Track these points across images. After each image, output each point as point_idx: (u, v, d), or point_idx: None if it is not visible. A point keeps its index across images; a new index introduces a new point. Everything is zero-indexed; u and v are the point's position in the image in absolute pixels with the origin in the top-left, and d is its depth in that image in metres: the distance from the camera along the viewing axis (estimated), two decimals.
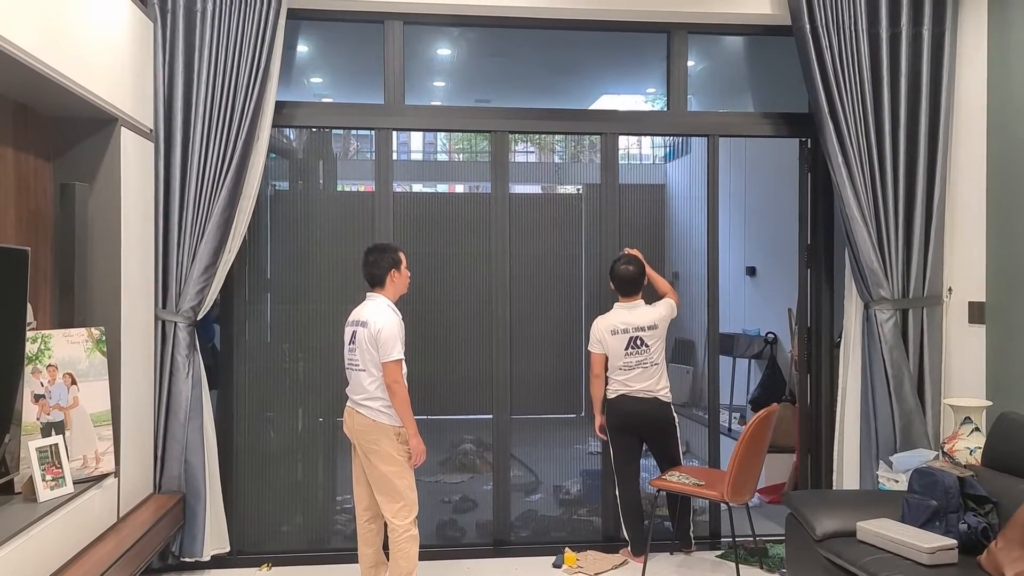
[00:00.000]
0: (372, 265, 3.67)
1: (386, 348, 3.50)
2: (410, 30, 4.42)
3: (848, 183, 4.16)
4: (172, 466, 3.88)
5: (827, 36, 4.17)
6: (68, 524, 2.91)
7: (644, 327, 4.17)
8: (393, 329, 3.53)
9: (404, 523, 3.56)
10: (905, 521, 3.25)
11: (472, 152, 7.06)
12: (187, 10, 3.89)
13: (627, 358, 4.17)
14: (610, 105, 6.32)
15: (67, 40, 2.94)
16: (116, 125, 3.46)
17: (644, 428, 4.24)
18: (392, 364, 3.50)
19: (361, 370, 3.58)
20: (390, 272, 3.66)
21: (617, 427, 4.25)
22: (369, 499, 3.70)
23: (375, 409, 3.55)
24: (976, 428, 3.72)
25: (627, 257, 4.27)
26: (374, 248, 3.73)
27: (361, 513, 3.74)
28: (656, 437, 4.28)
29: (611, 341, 4.20)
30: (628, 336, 4.17)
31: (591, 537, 4.55)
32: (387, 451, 3.54)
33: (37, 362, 3.04)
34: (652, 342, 4.17)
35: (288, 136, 4.64)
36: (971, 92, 4.17)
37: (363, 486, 3.71)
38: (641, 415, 4.19)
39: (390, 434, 3.55)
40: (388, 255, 3.68)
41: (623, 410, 4.21)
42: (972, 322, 4.12)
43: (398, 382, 3.51)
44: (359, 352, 3.58)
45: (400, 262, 3.70)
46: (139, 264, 3.71)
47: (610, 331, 4.20)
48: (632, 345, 4.16)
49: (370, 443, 3.57)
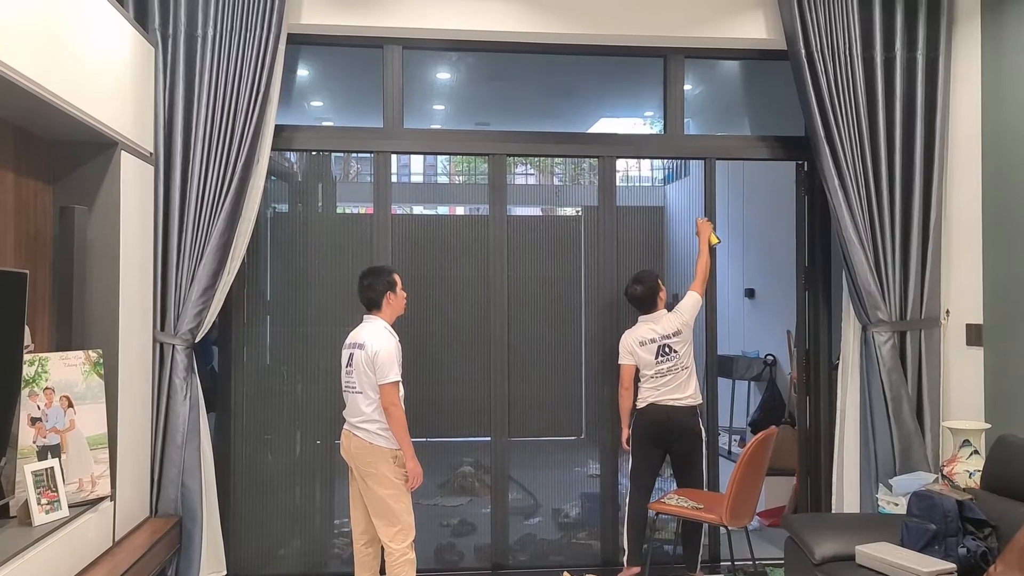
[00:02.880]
0: (367, 289, 3.69)
1: (383, 370, 3.50)
2: (409, 55, 4.46)
3: (845, 206, 4.18)
4: (169, 489, 3.86)
5: (822, 61, 4.21)
6: (63, 548, 2.89)
7: (670, 334, 4.20)
8: (390, 351, 3.54)
9: (401, 547, 3.54)
10: (904, 545, 3.24)
11: (472, 175, 7.10)
12: (188, 35, 3.93)
13: (658, 366, 4.19)
14: (608, 128, 6.36)
15: (68, 65, 2.97)
16: (116, 149, 3.48)
17: (671, 438, 4.20)
18: (389, 386, 3.50)
19: (358, 392, 3.57)
20: (386, 295, 3.68)
21: (642, 437, 4.23)
22: (366, 523, 3.68)
23: (372, 432, 3.54)
24: (975, 451, 3.71)
25: (635, 277, 4.30)
26: (369, 272, 3.75)
27: (358, 537, 3.73)
28: (681, 451, 4.23)
29: (641, 352, 4.21)
30: (656, 345, 4.19)
31: (590, 561, 4.52)
32: (384, 474, 3.53)
33: (34, 385, 3.03)
34: (680, 348, 4.19)
35: (288, 159, 4.66)
36: (966, 116, 4.21)
37: (360, 509, 3.69)
38: (668, 424, 4.16)
39: (387, 457, 3.54)
40: (383, 278, 3.70)
41: (652, 419, 4.19)
42: (970, 344, 4.12)
43: (395, 404, 3.51)
44: (356, 375, 3.58)
45: (395, 284, 3.71)
46: (138, 286, 3.72)
47: (639, 343, 4.22)
48: (662, 353, 4.19)
49: (367, 466, 3.56)
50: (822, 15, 4.23)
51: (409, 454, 3.55)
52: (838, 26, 4.24)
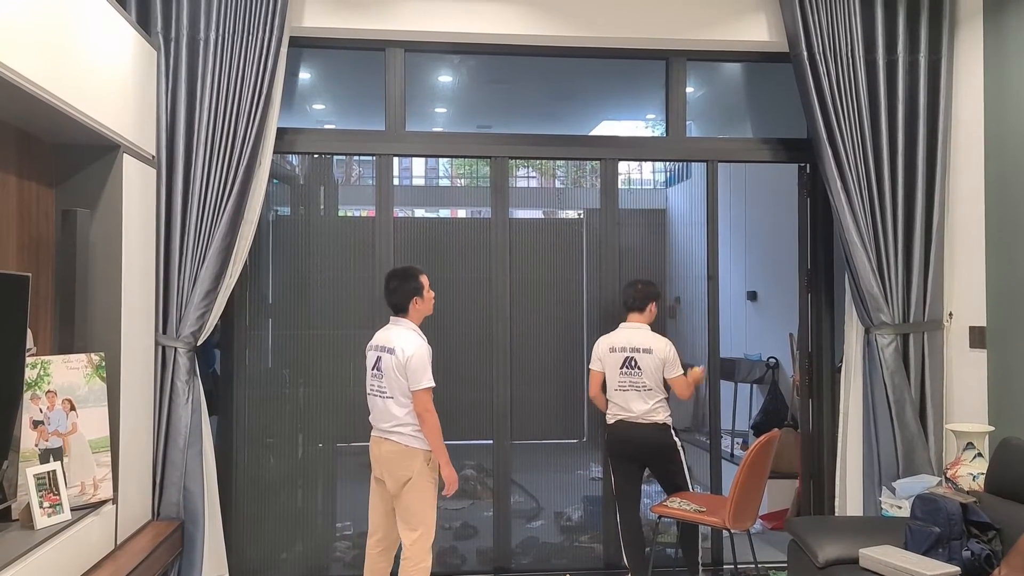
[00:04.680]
0: (392, 293, 3.61)
1: (415, 376, 3.43)
2: (411, 57, 4.46)
3: (847, 208, 4.17)
4: (171, 492, 3.86)
5: (824, 63, 4.21)
6: (65, 551, 2.89)
7: (640, 348, 4.14)
8: (423, 356, 3.46)
9: (420, 552, 3.47)
10: (908, 548, 3.23)
11: (474, 178, 7.11)
12: (190, 38, 3.93)
13: (621, 378, 4.14)
14: (610, 131, 6.37)
15: (71, 68, 2.97)
16: (119, 152, 3.48)
17: (644, 455, 4.19)
18: (422, 392, 3.43)
19: (389, 397, 3.50)
20: (412, 300, 3.60)
21: (615, 454, 4.22)
22: (384, 531, 3.62)
23: (407, 435, 3.48)
24: (979, 454, 3.70)
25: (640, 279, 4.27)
26: (394, 274, 3.66)
27: (373, 544, 3.67)
28: (657, 463, 4.22)
29: (608, 359, 4.18)
30: (624, 356, 4.14)
31: (592, 564, 4.51)
32: (418, 477, 3.47)
33: (36, 388, 3.03)
34: (644, 365, 4.11)
35: (290, 162, 4.67)
36: (968, 118, 4.20)
37: (380, 516, 3.63)
38: (638, 442, 4.13)
39: (422, 458, 3.48)
40: (409, 283, 3.61)
41: (621, 437, 4.17)
42: (973, 347, 4.11)
43: (429, 410, 3.43)
44: (387, 380, 3.50)
45: (422, 288, 3.63)
46: (140, 289, 3.72)
47: (609, 348, 4.19)
48: (627, 365, 4.13)
49: (403, 470, 3.47)
50: (824, 17, 4.23)
51: (444, 460, 3.47)
52: (840, 28, 4.23)
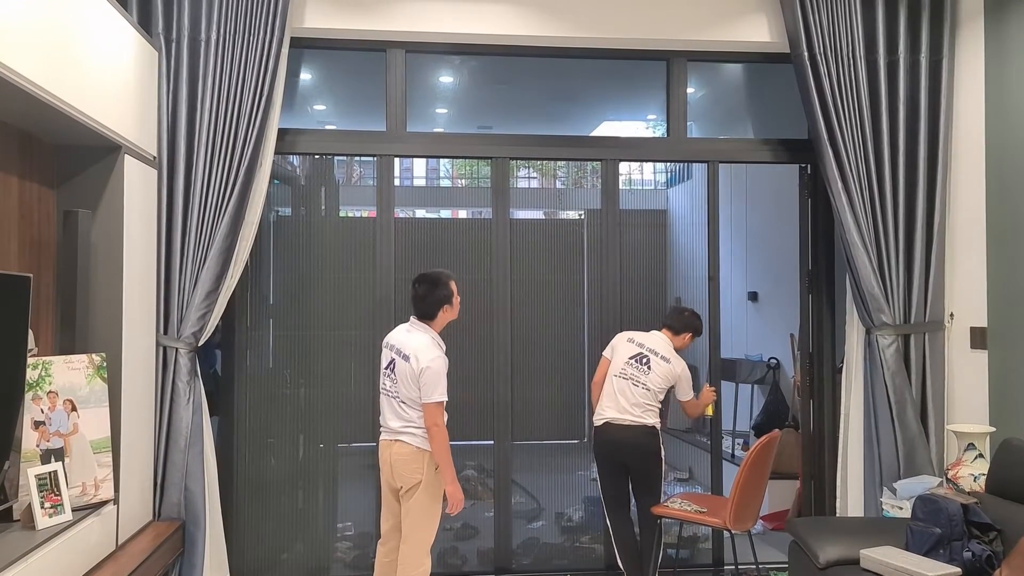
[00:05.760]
0: (420, 300, 3.50)
1: (429, 389, 3.32)
2: (412, 58, 4.47)
3: (848, 209, 4.17)
4: (172, 493, 3.86)
5: (825, 64, 4.21)
6: (66, 552, 2.89)
7: (659, 354, 4.12)
8: (439, 369, 3.34)
9: (419, 554, 3.41)
10: (909, 549, 3.23)
11: (475, 178, 7.10)
12: (191, 39, 3.94)
13: (625, 367, 4.11)
14: (611, 131, 6.36)
15: (72, 69, 2.97)
16: (120, 153, 3.48)
17: (627, 457, 4.08)
18: (434, 406, 3.32)
19: (402, 401, 3.43)
20: (442, 307, 3.51)
21: (602, 457, 4.14)
22: (396, 541, 3.53)
23: (419, 436, 3.38)
24: (980, 455, 3.70)
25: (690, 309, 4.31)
26: (424, 279, 3.53)
27: (384, 554, 3.61)
28: (639, 468, 4.10)
29: (622, 347, 4.16)
30: (640, 351, 4.13)
31: (593, 565, 4.51)
32: (427, 485, 3.39)
33: (38, 388, 3.04)
34: (656, 368, 4.08)
35: (291, 162, 4.67)
36: (969, 119, 4.20)
37: (391, 527, 3.57)
38: (623, 444, 4.04)
39: (431, 461, 3.39)
40: (440, 291, 3.49)
41: (607, 439, 4.09)
42: (974, 347, 4.11)
43: (438, 425, 3.32)
44: (400, 385, 3.42)
45: (452, 296, 3.52)
46: (141, 290, 3.72)
47: (627, 339, 4.18)
48: (638, 360, 4.12)
49: (412, 472, 3.39)
50: (825, 18, 4.23)
51: (450, 477, 3.37)
52: (841, 29, 4.23)
